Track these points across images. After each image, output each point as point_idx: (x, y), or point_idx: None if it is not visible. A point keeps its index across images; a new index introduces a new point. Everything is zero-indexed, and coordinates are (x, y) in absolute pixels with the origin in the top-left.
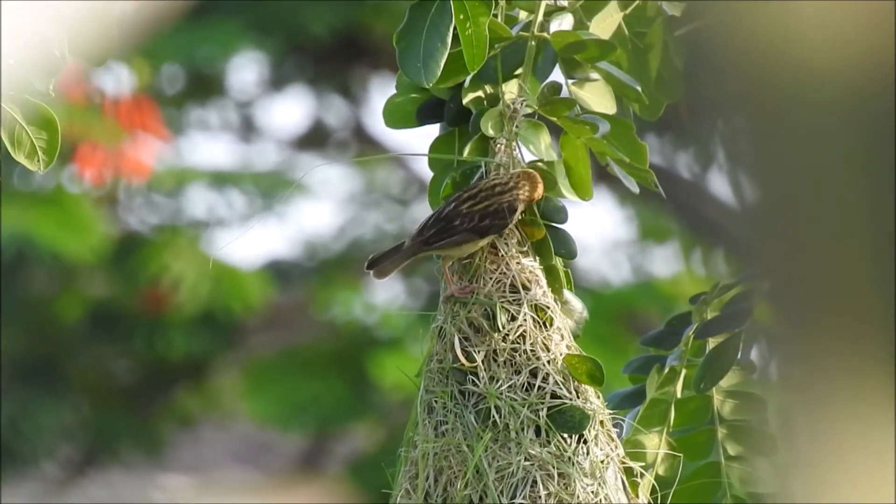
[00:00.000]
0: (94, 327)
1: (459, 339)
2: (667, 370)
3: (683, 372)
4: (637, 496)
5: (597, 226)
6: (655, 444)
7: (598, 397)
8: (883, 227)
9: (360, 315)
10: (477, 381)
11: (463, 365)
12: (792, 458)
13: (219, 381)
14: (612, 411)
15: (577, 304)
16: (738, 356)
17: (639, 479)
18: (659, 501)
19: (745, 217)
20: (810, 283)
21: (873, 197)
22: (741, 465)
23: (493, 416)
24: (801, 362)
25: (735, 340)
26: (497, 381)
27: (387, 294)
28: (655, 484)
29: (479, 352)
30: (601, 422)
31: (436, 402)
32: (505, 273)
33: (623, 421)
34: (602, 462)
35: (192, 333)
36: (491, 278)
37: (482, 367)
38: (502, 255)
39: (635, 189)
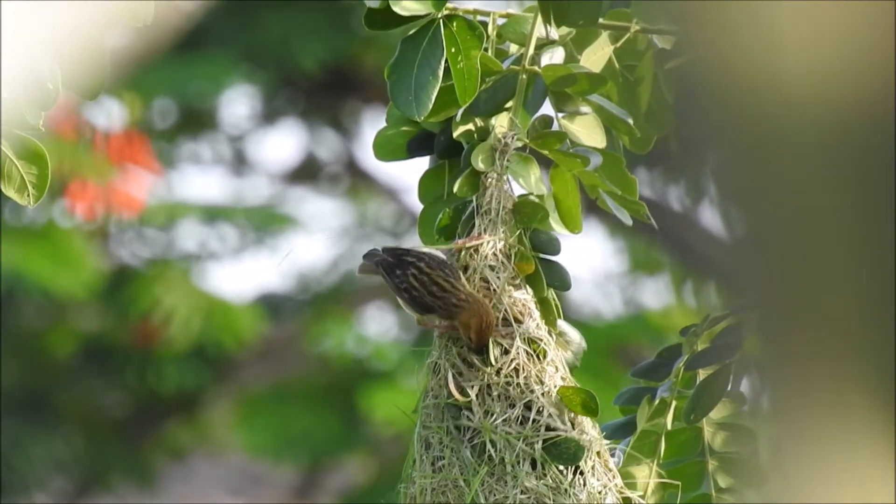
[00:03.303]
0: (86, 361)
1: (453, 374)
2: (657, 402)
3: (674, 403)
4: None
5: (587, 258)
6: (646, 475)
7: (594, 428)
8: (873, 258)
9: (352, 348)
10: (471, 416)
11: (457, 400)
12: (782, 490)
13: (211, 414)
14: (608, 441)
15: (574, 335)
16: (729, 388)
17: None
18: None
19: (734, 249)
20: (800, 315)
21: (862, 228)
22: (732, 497)
23: (489, 451)
24: (792, 394)
25: (725, 372)
26: (492, 415)
27: (379, 327)
28: None
29: (472, 386)
30: (598, 452)
31: (432, 437)
32: (497, 307)
33: (620, 449)
34: (599, 493)
35: (184, 367)
36: None
37: (476, 402)
38: (494, 289)
39: (628, 221)
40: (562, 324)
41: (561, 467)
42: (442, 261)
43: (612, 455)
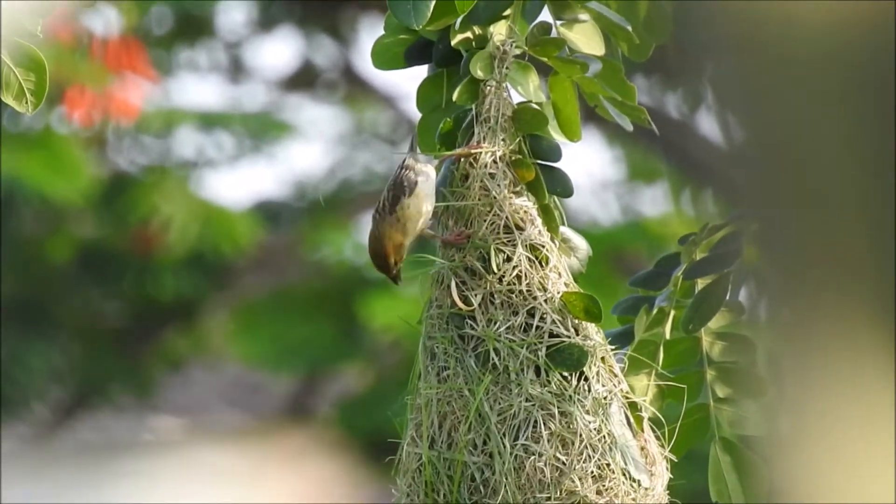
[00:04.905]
0: (84, 269)
1: (456, 282)
2: (655, 311)
3: (672, 313)
4: (642, 430)
5: (585, 166)
6: (644, 385)
7: (599, 333)
8: (872, 167)
9: (349, 256)
10: (475, 325)
11: (461, 309)
12: (780, 399)
13: (209, 323)
14: (613, 347)
15: (580, 242)
16: (727, 297)
17: (643, 414)
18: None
19: (733, 157)
20: (798, 224)
21: (862, 137)
22: (730, 406)
23: (493, 359)
24: (790, 303)
25: (724, 281)
26: (495, 323)
27: None
28: (660, 416)
29: (475, 295)
30: (602, 358)
31: (437, 347)
32: (498, 214)
33: (619, 357)
34: (605, 398)
35: (182, 274)
36: (485, 221)
37: (479, 311)
38: (494, 197)
39: (629, 127)
40: (566, 231)
41: (565, 374)
42: (397, 197)
43: (618, 361)
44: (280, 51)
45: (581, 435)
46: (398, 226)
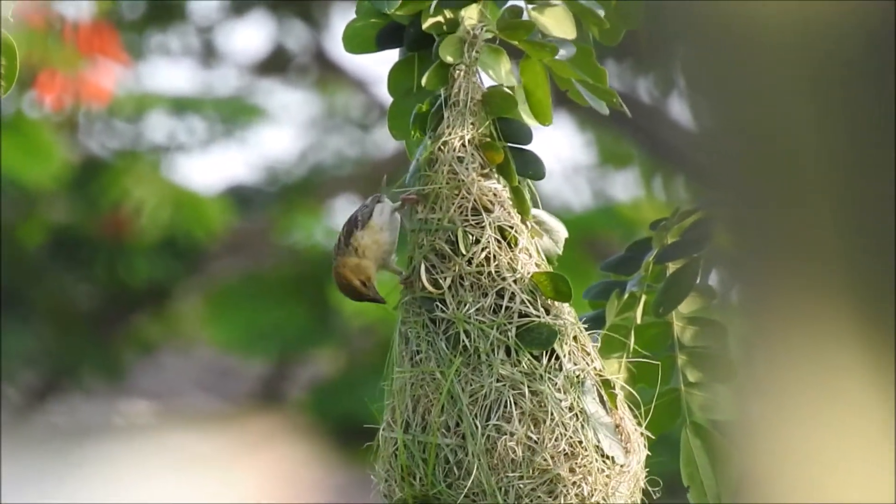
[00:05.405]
0: (56, 253)
1: (426, 266)
2: (627, 296)
3: (643, 298)
4: (616, 408)
5: (557, 151)
6: (615, 369)
7: (571, 313)
8: (842, 152)
9: (321, 240)
10: (444, 308)
11: (430, 292)
12: (751, 384)
13: (180, 307)
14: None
15: (556, 224)
16: (697, 281)
17: (616, 391)
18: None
19: (704, 142)
20: (768, 208)
21: (832, 123)
22: (701, 391)
23: (463, 341)
24: (760, 288)
25: (694, 265)
26: (464, 305)
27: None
28: (637, 395)
29: (445, 278)
30: (574, 337)
31: (410, 332)
32: (466, 197)
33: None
34: (577, 377)
35: (154, 259)
36: (452, 204)
37: (449, 293)
38: (462, 180)
39: (604, 110)
40: (543, 214)
41: (535, 353)
42: (350, 232)
43: (594, 340)
44: (252, 35)
45: (552, 413)
46: (355, 257)
